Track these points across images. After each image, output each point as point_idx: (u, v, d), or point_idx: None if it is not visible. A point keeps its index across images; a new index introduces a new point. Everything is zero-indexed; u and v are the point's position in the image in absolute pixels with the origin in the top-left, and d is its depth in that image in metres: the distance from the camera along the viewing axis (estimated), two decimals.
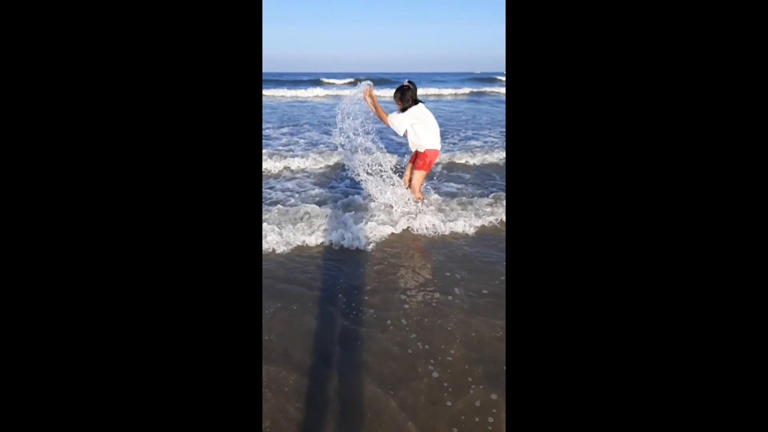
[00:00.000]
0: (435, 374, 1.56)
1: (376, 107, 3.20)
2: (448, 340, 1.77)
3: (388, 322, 1.91)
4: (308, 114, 10.33)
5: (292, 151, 5.51)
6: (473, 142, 6.44)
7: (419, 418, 1.36)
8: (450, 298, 2.13)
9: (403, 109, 3.22)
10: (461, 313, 1.98)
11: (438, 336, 1.80)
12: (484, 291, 2.19)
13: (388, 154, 5.14)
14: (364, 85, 3.21)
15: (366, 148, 3.47)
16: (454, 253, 2.66)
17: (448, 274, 2.39)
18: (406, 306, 2.06)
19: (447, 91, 19.93)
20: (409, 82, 3.22)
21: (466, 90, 20.95)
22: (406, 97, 3.18)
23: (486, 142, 6.47)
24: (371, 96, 3.20)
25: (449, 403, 1.42)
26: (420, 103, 3.24)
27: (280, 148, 5.72)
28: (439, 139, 3.30)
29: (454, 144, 6.24)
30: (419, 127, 3.22)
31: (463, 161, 5.17)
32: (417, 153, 3.40)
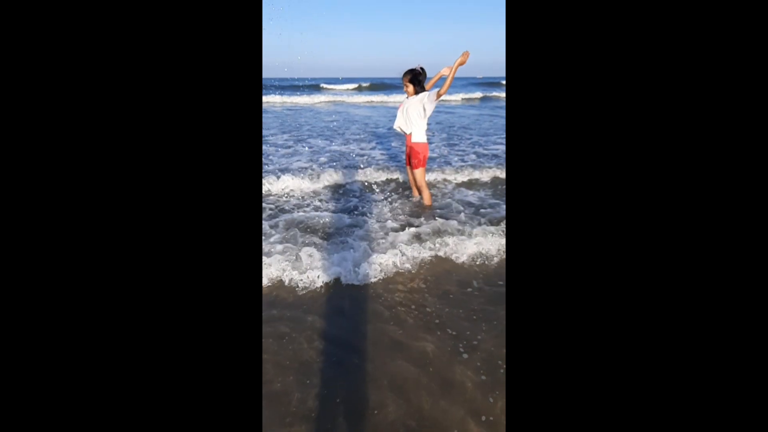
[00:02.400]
0: (465, 355, 1.70)
1: (452, 73, 3.29)
2: (474, 328, 1.90)
3: (413, 307, 2.05)
4: (312, 120, 10.53)
5: (299, 161, 5.36)
6: (481, 150, 6.57)
7: (457, 389, 1.50)
8: (469, 290, 2.27)
9: (415, 93, 3.45)
10: (484, 304, 2.12)
11: (464, 325, 1.94)
12: (500, 282, 2.34)
13: (392, 165, 5.25)
14: (466, 56, 3.27)
15: (371, 159, 3.42)
16: (472, 256, 2.79)
17: (466, 265, 2.54)
18: (428, 296, 2.22)
19: (455, 97, 19.56)
20: (421, 68, 3.45)
21: (477, 94, 20.84)
22: (417, 81, 3.42)
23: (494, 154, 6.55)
24: (461, 63, 3.26)
25: (483, 377, 1.56)
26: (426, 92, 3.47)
27: (283, 160, 5.50)
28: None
29: (468, 155, 6.19)
30: (418, 117, 3.45)
31: (486, 177, 4.78)
32: (409, 153, 3.62)
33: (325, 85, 28.67)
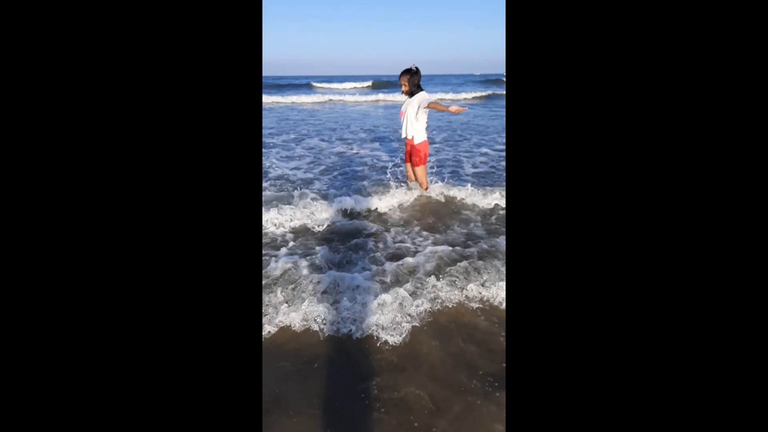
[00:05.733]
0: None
1: (444, 110, 3.55)
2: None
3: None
4: (310, 119, 10.52)
5: (301, 168, 5.05)
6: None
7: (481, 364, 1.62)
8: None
9: (410, 93, 3.60)
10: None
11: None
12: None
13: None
14: (465, 109, 3.62)
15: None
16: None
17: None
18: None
19: (466, 95, 19.09)
20: (416, 67, 3.59)
21: (483, 93, 20.34)
22: (413, 81, 3.56)
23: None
24: (454, 111, 3.51)
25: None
26: (423, 91, 3.61)
27: (287, 165, 5.26)
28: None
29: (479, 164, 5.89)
30: (415, 120, 3.60)
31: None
32: (409, 150, 3.75)
33: (323, 84, 28.62)
